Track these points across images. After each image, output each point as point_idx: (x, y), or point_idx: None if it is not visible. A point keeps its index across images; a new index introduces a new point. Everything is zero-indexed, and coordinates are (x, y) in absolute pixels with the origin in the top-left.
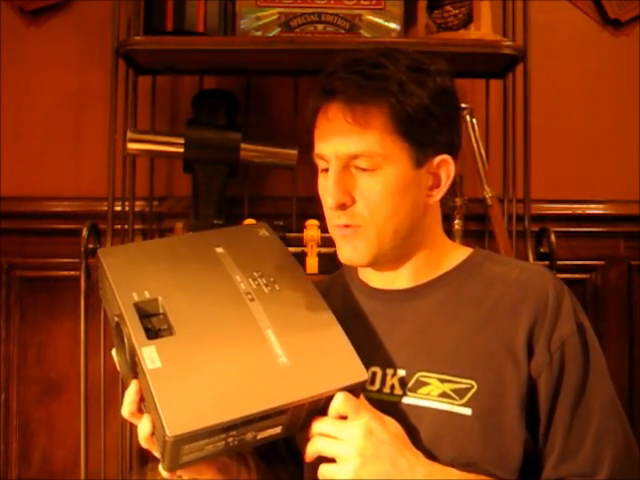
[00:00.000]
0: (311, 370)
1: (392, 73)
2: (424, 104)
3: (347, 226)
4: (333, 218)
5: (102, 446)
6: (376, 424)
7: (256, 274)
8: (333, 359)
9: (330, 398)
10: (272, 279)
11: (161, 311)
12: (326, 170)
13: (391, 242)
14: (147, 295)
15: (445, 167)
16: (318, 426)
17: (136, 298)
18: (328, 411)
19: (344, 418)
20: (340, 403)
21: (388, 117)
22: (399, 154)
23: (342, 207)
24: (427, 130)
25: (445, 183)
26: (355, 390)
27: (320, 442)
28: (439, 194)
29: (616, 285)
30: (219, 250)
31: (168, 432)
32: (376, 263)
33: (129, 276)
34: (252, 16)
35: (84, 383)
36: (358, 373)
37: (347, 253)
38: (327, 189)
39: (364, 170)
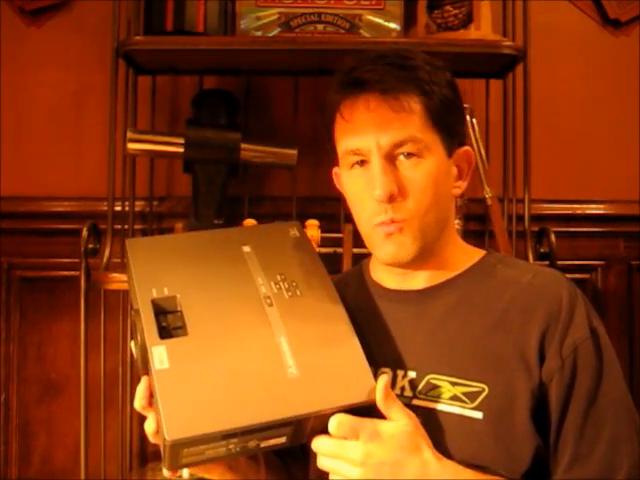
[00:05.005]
0: (319, 384)
1: (419, 64)
2: (448, 94)
3: (393, 221)
4: (377, 214)
5: (102, 446)
6: (374, 446)
7: (279, 277)
8: (344, 374)
9: (337, 412)
10: (295, 284)
11: (178, 309)
12: (360, 165)
13: (433, 233)
14: (166, 292)
15: (467, 158)
16: (318, 443)
17: (155, 294)
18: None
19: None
20: (334, 428)
21: (423, 106)
22: (436, 143)
23: (391, 199)
24: (453, 120)
25: (468, 174)
26: (364, 406)
27: (324, 461)
28: (464, 184)
29: (616, 285)
30: (246, 249)
31: (166, 436)
32: (418, 259)
33: (151, 270)
34: (252, 16)
35: (84, 383)
36: (366, 392)
37: (391, 250)
38: (371, 182)
39: (408, 158)
